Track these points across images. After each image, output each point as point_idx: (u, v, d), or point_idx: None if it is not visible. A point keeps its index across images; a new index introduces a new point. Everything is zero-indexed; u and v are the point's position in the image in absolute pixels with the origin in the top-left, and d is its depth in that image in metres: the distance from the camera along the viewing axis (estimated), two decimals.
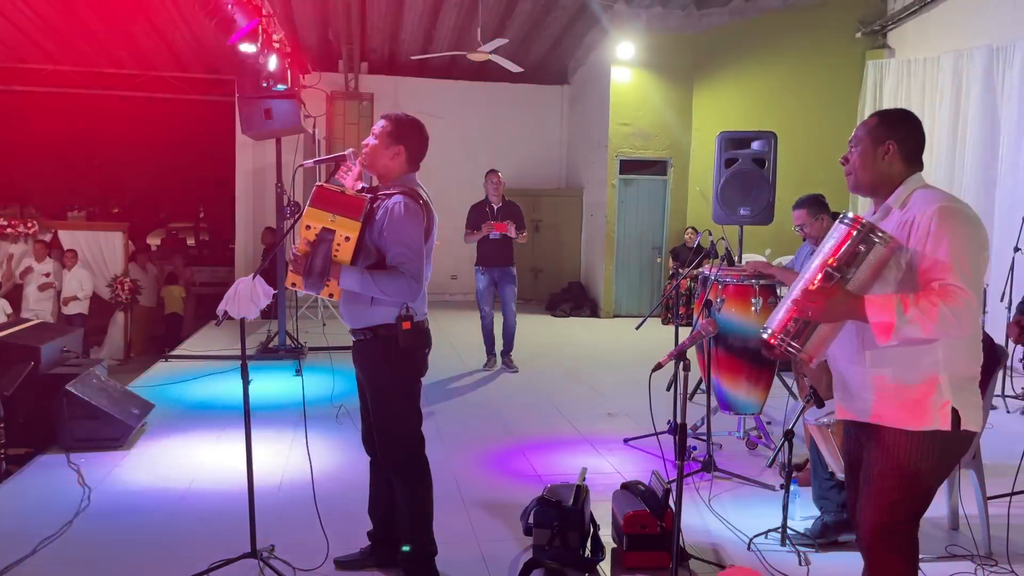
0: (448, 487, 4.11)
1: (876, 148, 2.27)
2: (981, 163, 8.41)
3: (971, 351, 2.19)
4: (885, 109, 2.46)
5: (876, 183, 2.30)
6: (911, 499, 2.20)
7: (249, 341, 4.51)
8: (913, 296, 2.06)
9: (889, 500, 2.20)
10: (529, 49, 12.07)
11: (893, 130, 2.27)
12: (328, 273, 2.76)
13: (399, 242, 2.82)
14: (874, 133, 2.29)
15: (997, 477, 3.82)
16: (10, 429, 4.67)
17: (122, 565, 3.26)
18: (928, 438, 2.15)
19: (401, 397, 2.99)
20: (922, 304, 2.02)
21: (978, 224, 2.14)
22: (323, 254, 2.74)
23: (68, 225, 12.46)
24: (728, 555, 3.43)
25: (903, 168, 2.27)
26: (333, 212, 2.73)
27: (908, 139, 2.27)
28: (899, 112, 2.36)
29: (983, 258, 2.13)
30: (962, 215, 2.12)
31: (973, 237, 2.10)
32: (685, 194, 11.31)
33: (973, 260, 2.07)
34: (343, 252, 2.76)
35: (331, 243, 2.74)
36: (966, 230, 2.10)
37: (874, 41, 10.87)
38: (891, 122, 2.30)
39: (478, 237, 7.12)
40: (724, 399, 4.78)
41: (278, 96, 7.00)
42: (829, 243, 2.20)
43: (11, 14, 10.27)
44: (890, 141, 2.26)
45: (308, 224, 2.74)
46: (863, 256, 2.13)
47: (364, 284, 2.79)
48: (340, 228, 2.74)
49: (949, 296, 2.00)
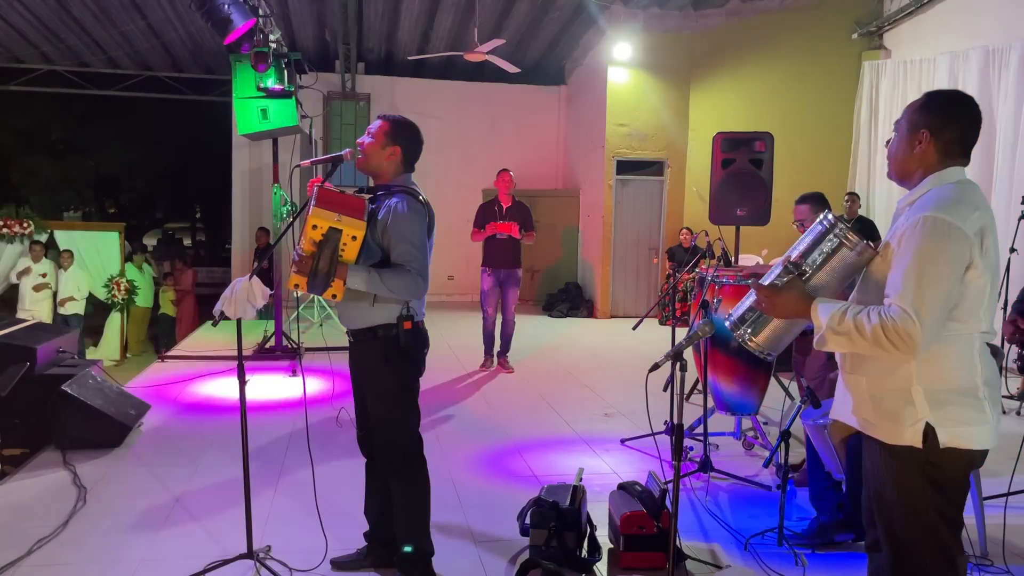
0: (444, 487, 4.10)
1: (911, 136, 2.07)
2: (977, 164, 8.43)
3: (960, 361, 2.00)
4: (937, 90, 2.16)
5: (904, 175, 2.12)
6: (903, 521, 2.03)
7: (246, 342, 4.51)
8: (865, 309, 1.96)
9: (883, 519, 2.07)
10: (526, 50, 12.08)
11: (932, 117, 2.04)
12: (334, 273, 2.75)
13: (404, 239, 2.83)
14: (913, 118, 2.08)
15: (993, 478, 3.83)
16: (6, 430, 4.66)
17: (118, 565, 3.25)
18: (904, 454, 2.01)
19: (401, 397, 2.99)
20: (861, 320, 1.93)
21: (960, 239, 1.91)
22: (330, 254, 2.73)
23: (64, 225, 12.45)
24: (725, 555, 3.43)
25: (936, 161, 2.05)
26: (339, 212, 2.73)
27: (949, 129, 2.03)
28: (948, 97, 2.10)
29: (952, 277, 1.91)
30: (941, 230, 1.91)
31: (942, 256, 1.90)
32: (682, 195, 11.33)
33: (933, 282, 1.89)
34: (348, 251, 2.76)
35: (338, 243, 2.73)
36: (939, 246, 1.90)
37: (870, 42, 10.90)
38: (934, 108, 2.06)
39: (483, 236, 7.13)
40: (721, 399, 4.78)
41: (275, 96, 6.99)
42: (803, 240, 2.17)
43: (7, 14, 10.25)
44: (924, 130, 2.05)
45: (314, 224, 2.73)
46: (827, 257, 2.09)
47: (371, 282, 2.78)
48: (347, 228, 2.73)
49: (892, 319, 1.89)
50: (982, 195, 2.06)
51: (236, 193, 12.44)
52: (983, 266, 1.95)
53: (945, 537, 2.03)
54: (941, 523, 2.02)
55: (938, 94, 2.12)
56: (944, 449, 1.98)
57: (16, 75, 12.55)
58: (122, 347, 11.67)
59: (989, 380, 2.03)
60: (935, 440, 1.97)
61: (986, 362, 2.03)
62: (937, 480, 2.01)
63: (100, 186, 24.30)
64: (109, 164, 22.60)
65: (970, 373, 2.00)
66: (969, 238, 1.92)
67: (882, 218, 9.64)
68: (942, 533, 2.03)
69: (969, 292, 1.95)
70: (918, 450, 1.98)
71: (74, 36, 11.16)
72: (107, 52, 11.87)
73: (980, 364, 2.01)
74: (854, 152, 10.75)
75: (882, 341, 1.91)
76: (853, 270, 2.12)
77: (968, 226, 1.93)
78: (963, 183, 2.05)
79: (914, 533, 2.03)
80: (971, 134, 2.06)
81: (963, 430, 1.98)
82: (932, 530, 2.02)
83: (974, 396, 2.00)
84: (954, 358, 1.99)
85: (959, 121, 2.05)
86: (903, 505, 2.03)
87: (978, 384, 2.00)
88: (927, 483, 2.01)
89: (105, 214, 24.83)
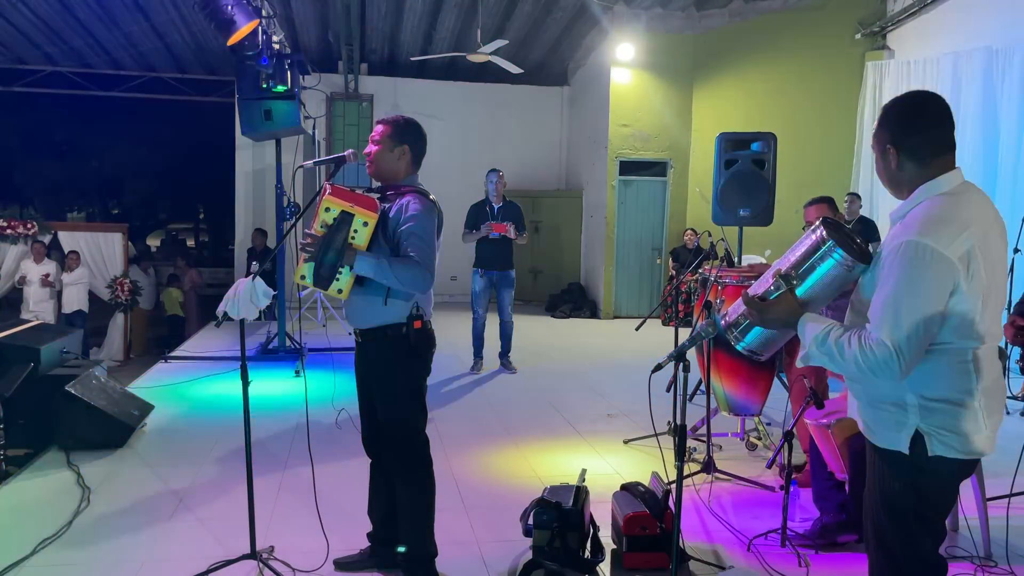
0: (448, 488, 4.10)
1: (882, 156, 2.05)
2: (980, 165, 8.42)
3: (952, 373, 1.95)
4: (889, 103, 2.09)
5: (897, 191, 2.07)
6: (884, 524, 2.04)
7: (249, 342, 4.52)
8: (847, 333, 1.94)
9: (868, 520, 2.09)
10: (529, 50, 12.08)
11: (890, 133, 2.02)
12: (343, 258, 2.75)
13: (413, 234, 2.82)
14: (877, 138, 2.05)
15: (996, 479, 3.82)
16: (10, 430, 4.67)
17: (122, 566, 3.26)
18: (892, 459, 2.01)
19: (409, 397, 2.99)
20: (843, 344, 1.93)
21: (942, 266, 1.85)
22: (342, 237, 2.72)
23: (68, 226, 12.47)
24: (728, 556, 3.43)
25: (917, 171, 2.00)
26: (351, 203, 2.75)
27: (909, 137, 1.99)
28: (898, 107, 2.05)
29: (933, 305, 1.86)
30: (922, 257, 1.84)
31: (923, 284, 1.85)
32: (685, 195, 11.33)
33: (912, 311, 1.85)
34: (359, 237, 2.76)
35: (350, 226, 2.73)
36: (920, 274, 1.85)
37: (874, 42, 10.88)
38: (888, 122, 2.03)
39: (477, 237, 7.09)
40: (724, 400, 4.78)
41: (278, 97, 7.01)
42: (795, 251, 2.13)
43: (11, 15, 10.27)
44: (888, 146, 2.02)
45: (328, 207, 2.73)
46: (817, 269, 2.06)
47: (379, 270, 2.77)
48: (359, 214, 2.74)
49: (871, 347, 1.88)
50: (979, 204, 1.99)
51: (239, 194, 12.46)
52: (968, 291, 1.89)
53: (924, 545, 2.03)
54: (920, 530, 2.02)
55: (888, 108, 2.06)
56: (932, 457, 1.96)
57: (20, 76, 12.58)
58: (125, 348, 11.69)
59: (988, 389, 1.98)
60: (923, 448, 1.96)
61: (985, 371, 1.97)
62: (923, 488, 2.00)
63: (103, 187, 24.36)
64: (112, 165, 22.67)
65: (963, 383, 1.96)
66: (953, 264, 1.85)
67: (886, 219, 9.62)
68: (921, 541, 2.03)
69: (956, 315, 1.91)
70: (906, 456, 1.98)
71: (78, 37, 11.18)
72: (110, 53, 11.90)
73: (976, 374, 1.96)
74: (857, 152, 10.74)
75: (861, 367, 1.91)
76: (844, 284, 2.09)
77: (952, 251, 1.85)
78: (956, 194, 1.97)
79: (894, 538, 2.04)
80: (935, 134, 2.00)
81: (953, 439, 1.95)
82: (911, 537, 2.02)
83: (967, 406, 1.96)
84: (946, 369, 1.95)
85: (915, 126, 2.00)
86: (886, 509, 2.04)
87: (973, 394, 1.95)
88: (912, 490, 2.00)
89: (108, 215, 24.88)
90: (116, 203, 25.91)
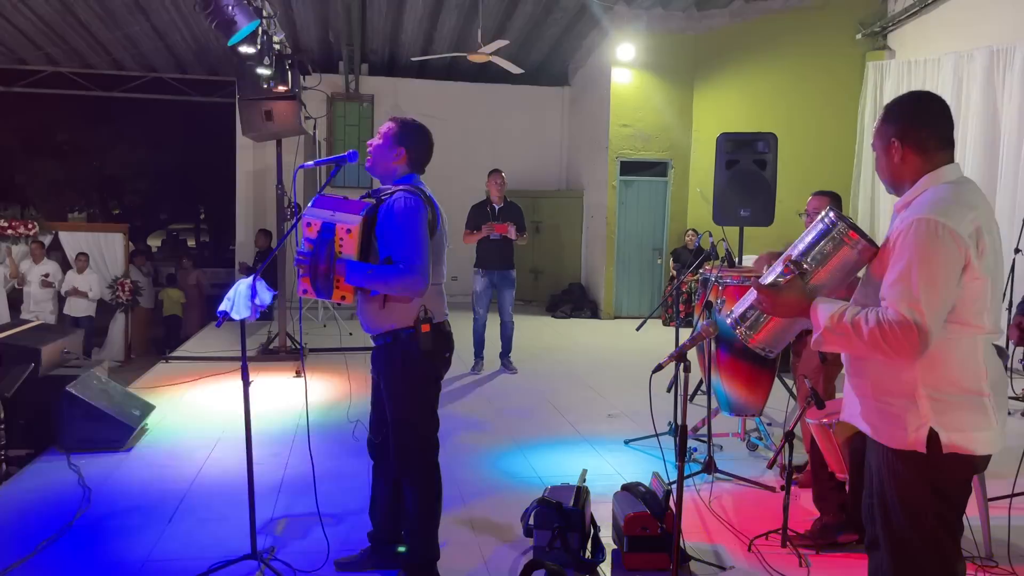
0: (449, 488, 4.06)
1: (885, 150, 2.09)
2: (981, 165, 8.42)
3: (964, 365, 1.97)
4: (893, 100, 2.16)
5: (898, 186, 2.12)
6: (903, 525, 2.02)
7: (249, 343, 4.52)
8: (863, 311, 1.95)
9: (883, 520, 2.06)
10: (529, 50, 12.08)
11: (894, 127, 2.07)
12: (333, 269, 2.75)
13: (400, 235, 2.81)
14: (880, 133, 2.10)
15: (998, 479, 3.81)
16: (11, 430, 4.67)
17: (122, 566, 3.26)
18: (907, 458, 1.99)
19: (418, 403, 2.97)
20: (859, 321, 1.92)
21: (954, 241, 1.89)
22: (326, 250, 2.73)
23: (68, 226, 12.47)
24: (728, 556, 3.43)
25: (920, 164, 2.05)
26: (333, 211, 2.75)
27: (914, 130, 2.04)
28: (903, 102, 2.12)
29: (948, 280, 1.90)
30: (934, 232, 1.89)
31: (936, 258, 1.89)
32: (685, 195, 11.32)
33: (928, 285, 1.88)
34: (346, 247, 2.76)
35: (333, 238, 2.74)
36: (932, 249, 1.89)
37: (874, 42, 10.87)
38: (892, 117, 2.09)
39: (478, 238, 7.10)
40: (725, 400, 4.78)
41: (278, 98, 7.01)
42: (803, 239, 2.16)
43: (12, 16, 10.28)
44: (893, 139, 2.07)
45: (309, 222, 2.75)
46: (829, 255, 2.08)
47: (367, 278, 2.77)
48: (341, 222, 2.75)
49: (889, 322, 1.88)
50: (980, 194, 2.05)
51: (240, 194, 12.46)
52: (980, 268, 1.93)
53: (945, 543, 2.02)
54: (941, 529, 2.01)
55: (893, 104, 2.14)
56: (947, 454, 1.96)
57: (21, 77, 12.58)
58: (126, 348, 11.69)
59: (995, 383, 2.01)
60: (938, 445, 1.95)
61: (992, 365, 2.00)
62: (939, 485, 2.00)
63: (104, 187, 24.37)
64: (113, 165, 22.68)
65: (975, 376, 1.98)
66: (963, 240, 1.91)
67: (887, 218, 9.62)
68: (942, 539, 2.02)
69: (967, 295, 1.94)
70: (921, 455, 1.97)
71: (78, 38, 11.18)
72: (111, 54, 11.89)
73: (985, 367, 1.99)
74: (858, 152, 10.73)
75: (879, 344, 1.90)
76: (853, 269, 2.11)
77: (962, 228, 1.91)
78: (959, 183, 2.04)
79: (914, 538, 2.02)
80: (940, 129, 2.07)
81: (967, 435, 1.96)
82: (932, 536, 2.01)
83: (979, 401, 1.97)
84: (958, 361, 1.97)
85: (922, 119, 2.06)
86: (904, 509, 2.02)
87: (983, 388, 1.98)
88: (929, 488, 1.99)
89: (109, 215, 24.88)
90: (117, 203, 25.92)
